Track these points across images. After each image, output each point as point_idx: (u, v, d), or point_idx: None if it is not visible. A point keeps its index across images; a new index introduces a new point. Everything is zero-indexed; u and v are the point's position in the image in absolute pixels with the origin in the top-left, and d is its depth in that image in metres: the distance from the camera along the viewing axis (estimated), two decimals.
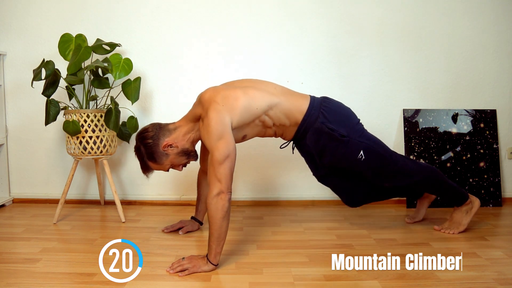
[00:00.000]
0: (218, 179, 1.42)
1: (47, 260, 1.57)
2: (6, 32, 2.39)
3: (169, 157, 1.63)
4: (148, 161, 1.64)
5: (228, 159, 1.43)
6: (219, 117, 1.46)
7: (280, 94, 1.64)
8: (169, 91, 2.39)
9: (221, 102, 1.49)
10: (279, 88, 1.67)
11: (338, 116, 1.67)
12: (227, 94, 1.53)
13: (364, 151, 1.66)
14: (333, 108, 1.69)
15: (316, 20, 2.38)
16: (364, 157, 1.66)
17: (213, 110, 1.47)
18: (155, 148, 1.60)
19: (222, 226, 1.44)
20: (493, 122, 2.42)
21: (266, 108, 1.59)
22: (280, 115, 1.63)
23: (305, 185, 2.44)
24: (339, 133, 1.63)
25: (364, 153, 1.66)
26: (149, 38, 2.38)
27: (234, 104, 1.51)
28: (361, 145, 1.66)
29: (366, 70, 2.41)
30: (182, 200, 2.45)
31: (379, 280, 1.38)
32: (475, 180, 2.37)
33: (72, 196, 2.44)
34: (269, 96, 1.60)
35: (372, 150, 1.67)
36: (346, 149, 1.65)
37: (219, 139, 1.44)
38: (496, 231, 1.93)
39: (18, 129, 2.45)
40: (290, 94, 1.68)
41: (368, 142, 1.68)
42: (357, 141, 1.65)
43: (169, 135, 1.63)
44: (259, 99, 1.58)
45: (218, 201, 1.42)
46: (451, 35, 2.41)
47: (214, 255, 1.46)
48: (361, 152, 1.66)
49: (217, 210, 1.42)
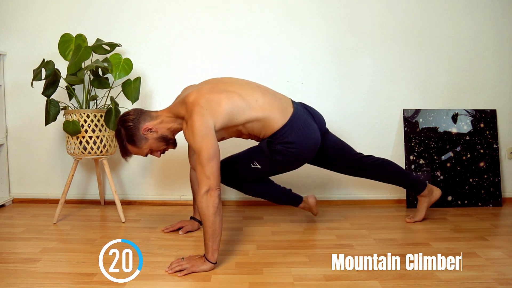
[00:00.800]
0: (207, 177, 1.45)
1: (47, 260, 1.57)
2: (6, 32, 2.39)
3: (148, 141, 1.65)
4: (127, 144, 1.65)
5: (215, 157, 1.47)
6: (203, 119, 1.51)
7: (260, 109, 1.64)
8: (169, 91, 2.39)
9: (205, 106, 1.53)
10: (261, 102, 1.65)
11: (290, 151, 1.68)
12: (211, 98, 1.56)
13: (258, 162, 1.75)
14: (295, 143, 1.68)
15: (316, 20, 2.38)
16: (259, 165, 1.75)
17: (197, 113, 1.51)
18: (135, 131, 1.62)
19: (215, 222, 1.45)
20: (493, 122, 2.42)
21: (244, 121, 1.64)
22: (255, 128, 1.68)
23: (306, 185, 2.44)
24: (273, 156, 1.68)
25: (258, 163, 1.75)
26: (149, 38, 2.38)
27: (217, 109, 1.55)
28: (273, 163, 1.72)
29: (366, 70, 2.41)
30: (182, 200, 2.45)
31: (379, 280, 1.38)
32: (475, 180, 2.37)
33: (72, 196, 2.44)
34: (249, 110, 1.62)
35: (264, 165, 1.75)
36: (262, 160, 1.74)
37: (203, 139, 1.48)
38: (496, 231, 1.93)
39: (18, 129, 2.46)
40: (270, 111, 1.66)
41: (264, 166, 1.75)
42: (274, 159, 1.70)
43: (150, 120, 1.65)
44: (240, 111, 1.61)
45: (208, 198, 1.44)
46: (451, 35, 2.41)
47: (211, 252, 1.46)
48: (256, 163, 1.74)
49: (208, 207, 1.44)
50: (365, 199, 2.45)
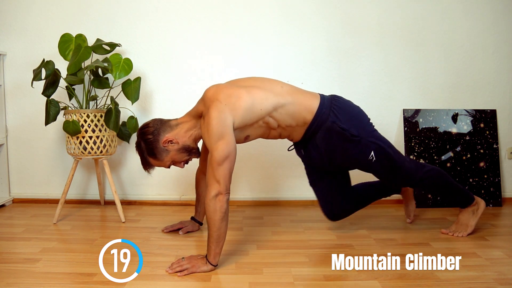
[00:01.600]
0: (216, 180, 1.41)
1: (47, 260, 1.56)
2: (6, 32, 2.39)
3: (170, 153, 1.60)
4: (148, 157, 1.62)
5: (228, 160, 1.41)
6: (221, 116, 1.43)
7: (287, 94, 1.58)
8: (169, 91, 2.40)
9: (224, 101, 1.46)
10: (286, 88, 1.60)
11: (349, 115, 1.63)
12: (230, 92, 1.49)
13: (374, 152, 1.62)
14: (344, 107, 1.64)
15: (316, 20, 2.38)
16: (374, 158, 1.62)
17: (215, 108, 1.44)
18: (155, 143, 1.58)
19: (221, 228, 1.43)
20: (493, 122, 2.42)
21: (271, 109, 1.54)
22: (285, 116, 1.58)
23: (305, 185, 2.43)
24: (350, 133, 1.58)
25: (375, 154, 1.62)
26: (149, 38, 2.38)
27: (237, 103, 1.47)
28: (372, 145, 1.61)
29: (366, 70, 2.41)
30: (182, 200, 2.45)
31: (379, 280, 1.38)
32: (475, 180, 2.37)
33: (72, 196, 2.44)
34: (274, 96, 1.55)
35: (382, 151, 1.63)
36: (357, 149, 1.61)
37: (219, 139, 1.41)
38: (496, 231, 1.92)
39: (18, 129, 2.46)
40: (298, 93, 1.61)
41: (379, 143, 1.63)
42: (368, 141, 1.61)
43: (170, 131, 1.60)
44: (263, 99, 1.53)
45: (216, 202, 1.41)
46: (451, 35, 2.41)
47: (214, 255, 1.45)
48: (372, 153, 1.61)
49: (216, 212, 1.41)
50: None
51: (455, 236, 1.81)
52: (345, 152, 1.63)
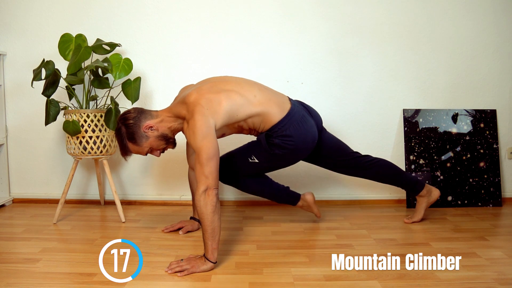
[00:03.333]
0: (205, 176, 1.47)
1: (47, 260, 1.57)
2: (6, 32, 2.39)
3: (149, 139, 1.65)
4: (128, 141, 1.65)
5: (214, 157, 1.49)
6: (204, 119, 1.53)
7: (259, 104, 1.68)
8: (169, 91, 2.39)
9: (205, 106, 1.55)
10: (259, 97, 1.69)
11: (289, 145, 1.71)
12: (211, 98, 1.59)
13: (256, 156, 1.78)
14: (292, 136, 1.71)
15: (316, 20, 2.38)
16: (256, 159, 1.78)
17: (198, 112, 1.53)
18: (136, 128, 1.63)
19: (214, 221, 1.46)
20: (493, 122, 2.42)
21: (245, 117, 1.67)
22: (255, 122, 1.71)
23: (305, 185, 2.44)
24: (272, 151, 1.71)
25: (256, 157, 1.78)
26: (149, 38, 2.38)
27: (217, 108, 1.58)
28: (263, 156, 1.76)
29: (366, 70, 2.41)
30: (182, 200, 2.45)
31: (379, 280, 1.38)
32: (475, 180, 2.37)
33: (72, 196, 2.44)
34: (248, 105, 1.66)
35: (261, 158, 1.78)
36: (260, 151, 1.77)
37: (204, 138, 1.50)
38: (496, 231, 1.93)
39: (18, 129, 2.46)
40: (268, 105, 1.70)
41: (259, 162, 1.78)
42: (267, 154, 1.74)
43: (151, 118, 1.66)
44: (240, 107, 1.64)
45: (206, 197, 1.45)
46: (451, 35, 2.41)
47: (211, 251, 1.46)
48: (254, 157, 1.78)
49: (206, 206, 1.45)
50: (365, 199, 2.45)
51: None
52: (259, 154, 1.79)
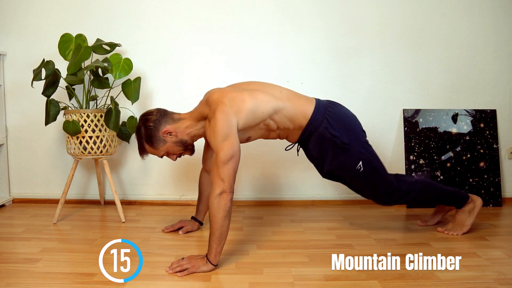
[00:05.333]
0: (221, 179, 1.43)
1: (47, 260, 1.56)
2: (6, 32, 2.39)
3: (166, 144, 1.65)
4: (145, 143, 1.67)
5: (233, 159, 1.45)
6: (226, 118, 1.48)
7: (286, 98, 1.64)
8: (169, 91, 2.40)
9: (228, 104, 1.51)
10: (285, 92, 1.67)
11: (342, 123, 1.68)
12: (234, 96, 1.55)
13: (363, 162, 1.67)
14: (338, 114, 1.70)
15: (316, 20, 2.38)
16: (362, 168, 1.67)
17: (220, 111, 1.49)
18: (154, 132, 1.63)
19: (223, 226, 1.44)
20: (493, 122, 2.42)
21: (271, 112, 1.61)
22: (284, 119, 1.65)
23: (305, 185, 2.44)
24: (340, 141, 1.64)
25: (363, 164, 1.67)
26: (149, 38, 2.38)
27: (241, 106, 1.53)
28: (361, 155, 1.67)
29: (366, 70, 2.41)
30: (182, 200, 2.45)
31: (379, 280, 1.38)
32: (475, 180, 2.37)
33: (72, 196, 2.44)
34: (275, 100, 1.61)
35: (370, 163, 1.68)
36: (346, 157, 1.66)
37: (224, 140, 1.45)
38: (496, 231, 1.92)
39: (18, 129, 2.46)
40: (295, 98, 1.68)
41: (368, 155, 1.69)
42: (358, 151, 1.66)
43: (172, 123, 1.65)
44: (265, 103, 1.59)
45: (220, 200, 1.43)
46: (451, 35, 2.41)
47: (214, 254, 1.46)
48: (360, 163, 1.67)
49: (219, 209, 1.43)
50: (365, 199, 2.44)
51: (451, 234, 1.83)
52: (335, 159, 1.68)
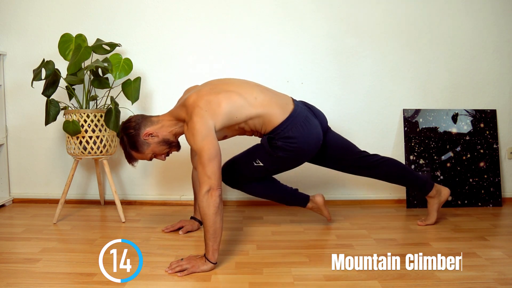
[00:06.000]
0: (208, 176, 1.46)
1: (47, 260, 1.56)
2: (6, 32, 2.39)
3: (150, 146, 1.67)
4: (130, 150, 1.69)
5: (216, 157, 1.48)
6: (203, 120, 1.52)
7: (260, 105, 1.66)
8: (169, 91, 2.39)
9: (204, 107, 1.55)
10: (260, 99, 1.67)
11: (294, 148, 1.69)
12: (210, 99, 1.58)
13: (264, 163, 1.75)
14: (298, 137, 1.69)
15: (316, 20, 2.38)
16: (261, 163, 1.76)
17: (197, 114, 1.53)
18: (136, 137, 1.66)
19: (216, 222, 1.45)
20: (493, 122, 2.42)
21: (245, 119, 1.66)
22: (256, 124, 1.69)
23: (305, 185, 2.44)
24: (275, 153, 1.69)
25: (262, 161, 1.76)
26: (149, 38, 2.38)
27: (217, 110, 1.57)
28: (268, 162, 1.74)
29: (366, 70, 2.41)
30: (182, 200, 2.45)
31: (379, 280, 1.38)
32: (475, 180, 2.37)
33: (72, 196, 2.44)
34: (249, 107, 1.64)
35: (268, 163, 1.76)
36: (263, 153, 1.74)
37: (203, 139, 1.49)
38: (496, 231, 1.93)
39: (18, 129, 2.46)
40: (270, 107, 1.67)
41: (267, 165, 1.76)
42: (274, 159, 1.72)
43: (151, 125, 1.68)
44: (239, 109, 1.63)
45: (209, 197, 1.45)
46: (451, 35, 2.41)
47: (212, 252, 1.46)
48: (260, 162, 1.76)
49: (209, 206, 1.45)
50: (365, 199, 2.45)
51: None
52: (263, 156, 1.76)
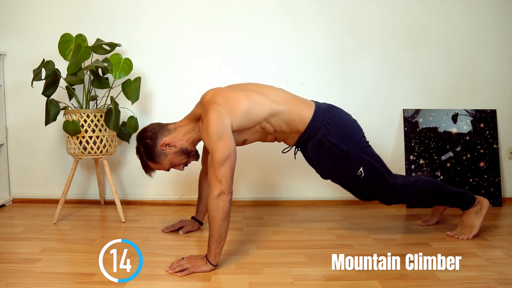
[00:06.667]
0: (218, 180, 1.42)
1: (47, 260, 1.56)
2: (6, 32, 2.39)
3: (168, 156, 1.62)
4: (147, 160, 1.65)
5: (229, 160, 1.43)
6: (219, 118, 1.45)
7: (283, 102, 1.59)
8: (169, 91, 2.39)
9: (222, 104, 1.48)
10: (283, 96, 1.62)
11: (341, 129, 1.63)
12: (228, 96, 1.51)
13: (364, 168, 1.63)
14: (337, 120, 1.64)
15: (316, 20, 2.38)
16: (363, 174, 1.64)
17: (213, 111, 1.46)
18: (153, 147, 1.61)
19: (222, 227, 1.44)
20: (493, 122, 2.42)
21: (267, 116, 1.57)
22: (281, 123, 1.60)
23: (305, 185, 2.44)
24: (339, 148, 1.59)
25: (364, 170, 1.63)
26: (149, 38, 2.38)
27: (235, 107, 1.50)
28: (362, 161, 1.63)
29: (366, 70, 2.41)
30: (182, 200, 2.45)
31: (379, 280, 1.38)
32: (475, 180, 2.37)
33: (72, 196, 2.44)
34: (271, 104, 1.57)
35: (372, 167, 1.65)
36: (345, 164, 1.63)
37: (218, 140, 1.43)
38: (496, 231, 1.92)
39: (18, 129, 2.45)
40: (293, 102, 1.62)
41: (369, 159, 1.65)
42: (358, 157, 1.62)
43: (168, 134, 1.62)
44: (260, 105, 1.55)
45: (219, 202, 1.42)
46: (451, 35, 2.41)
47: (214, 255, 1.46)
48: (361, 169, 1.63)
49: (218, 211, 1.42)
50: None
51: (461, 238, 1.78)
52: (334, 167, 1.65)
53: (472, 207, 1.81)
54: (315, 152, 1.65)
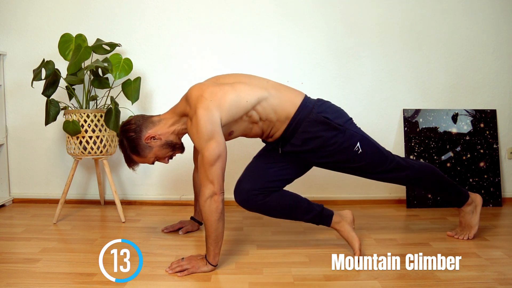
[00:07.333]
0: (210, 181, 1.40)
1: (47, 260, 1.57)
2: (6, 32, 2.39)
3: (153, 149, 1.58)
4: (131, 154, 1.60)
5: (219, 159, 1.40)
6: (208, 114, 1.41)
7: (272, 88, 1.56)
8: (169, 91, 2.39)
9: (209, 97, 1.43)
10: (272, 82, 1.60)
11: (333, 110, 1.62)
12: (215, 90, 1.47)
13: (360, 143, 1.59)
14: (327, 103, 1.65)
15: (316, 20, 2.38)
16: (360, 149, 1.59)
17: (201, 106, 1.42)
18: (137, 141, 1.56)
19: (218, 228, 1.43)
20: (493, 122, 2.42)
21: (255, 102, 1.51)
22: (268, 110, 1.54)
23: (305, 185, 2.43)
24: (336, 122, 1.56)
25: (361, 144, 1.59)
26: (149, 38, 2.38)
27: (223, 99, 1.45)
28: (357, 136, 1.59)
29: (366, 70, 2.41)
30: (182, 200, 2.45)
31: (379, 280, 1.38)
32: (475, 180, 2.37)
33: (72, 196, 2.44)
34: (259, 89, 1.53)
35: (367, 141, 1.61)
36: (344, 139, 1.56)
37: (209, 139, 1.40)
38: (496, 231, 1.92)
39: (18, 129, 2.46)
40: (283, 88, 1.60)
41: (363, 134, 1.63)
42: (353, 131, 1.59)
43: (152, 127, 1.58)
44: (248, 92, 1.51)
45: (211, 203, 1.40)
46: (451, 35, 2.41)
47: (213, 256, 1.46)
48: (358, 144, 1.58)
49: (212, 213, 1.41)
50: (365, 199, 2.45)
51: (461, 239, 1.78)
52: (331, 144, 1.57)
53: (466, 206, 1.78)
54: (309, 131, 1.56)
